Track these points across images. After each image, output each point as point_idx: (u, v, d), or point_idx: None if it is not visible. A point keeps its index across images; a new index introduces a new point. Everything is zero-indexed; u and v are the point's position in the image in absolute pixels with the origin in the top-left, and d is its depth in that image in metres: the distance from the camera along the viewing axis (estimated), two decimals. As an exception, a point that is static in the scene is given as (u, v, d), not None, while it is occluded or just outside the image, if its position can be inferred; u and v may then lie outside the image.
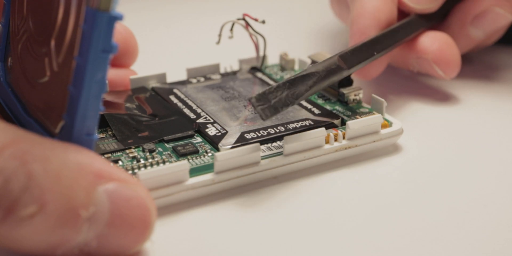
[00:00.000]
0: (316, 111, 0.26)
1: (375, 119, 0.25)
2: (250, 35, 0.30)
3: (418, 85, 0.33)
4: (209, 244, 0.20)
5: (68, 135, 0.19)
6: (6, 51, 0.24)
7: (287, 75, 0.31)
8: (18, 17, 0.23)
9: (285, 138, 0.23)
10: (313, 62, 0.29)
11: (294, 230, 0.21)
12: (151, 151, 0.23)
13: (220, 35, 0.30)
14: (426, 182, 0.24)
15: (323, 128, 0.24)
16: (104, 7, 0.17)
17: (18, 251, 0.18)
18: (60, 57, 0.19)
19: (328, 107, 0.27)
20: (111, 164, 0.19)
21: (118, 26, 0.28)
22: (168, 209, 0.22)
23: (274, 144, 0.24)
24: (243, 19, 0.29)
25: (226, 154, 0.22)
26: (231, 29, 0.30)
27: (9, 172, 0.17)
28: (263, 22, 0.29)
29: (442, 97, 0.31)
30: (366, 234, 0.21)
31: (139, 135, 0.24)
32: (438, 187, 0.23)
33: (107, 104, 0.26)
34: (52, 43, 0.20)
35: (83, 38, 0.18)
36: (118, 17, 0.17)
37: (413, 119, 0.28)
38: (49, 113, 0.20)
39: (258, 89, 0.29)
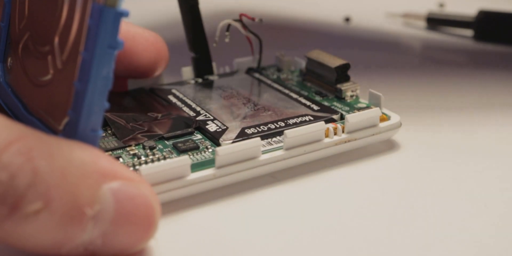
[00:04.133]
0: (315, 107, 0.26)
1: (373, 112, 0.25)
2: (246, 36, 0.30)
3: (416, 80, 0.33)
4: (212, 240, 0.20)
5: (72, 131, 0.19)
6: (5, 52, 0.25)
7: (283, 75, 0.31)
8: (19, 17, 0.23)
9: (285, 132, 0.23)
10: (310, 60, 0.29)
11: (295, 225, 0.21)
12: (151, 148, 0.23)
13: (217, 36, 0.30)
14: (425, 178, 0.24)
15: (323, 122, 0.24)
16: (111, 3, 0.17)
17: (23, 249, 0.18)
18: (64, 54, 0.19)
19: (326, 103, 0.27)
20: (116, 161, 0.19)
21: (152, 37, 0.28)
22: (170, 205, 0.22)
23: (274, 139, 0.24)
24: (240, 19, 0.30)
25: (227, 148, 0.22)
26: (227, 30, 0.30)
27: (15, 168, 0.17)
28: (261, 20, 0.29)
29: (441, 92, 0.31)
30: (365, 231, 0.21)
31: (139, 133, 0.24)
32: (437, 184, 0.23)
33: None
34: (56, 40, 0.20)
35: (89, 33, 0.18)
36: (124, 14, 0.18)
37: (411, 114, 0.28)
38: (52, 111, 0.20)
39: (256, 90, 0.29)
